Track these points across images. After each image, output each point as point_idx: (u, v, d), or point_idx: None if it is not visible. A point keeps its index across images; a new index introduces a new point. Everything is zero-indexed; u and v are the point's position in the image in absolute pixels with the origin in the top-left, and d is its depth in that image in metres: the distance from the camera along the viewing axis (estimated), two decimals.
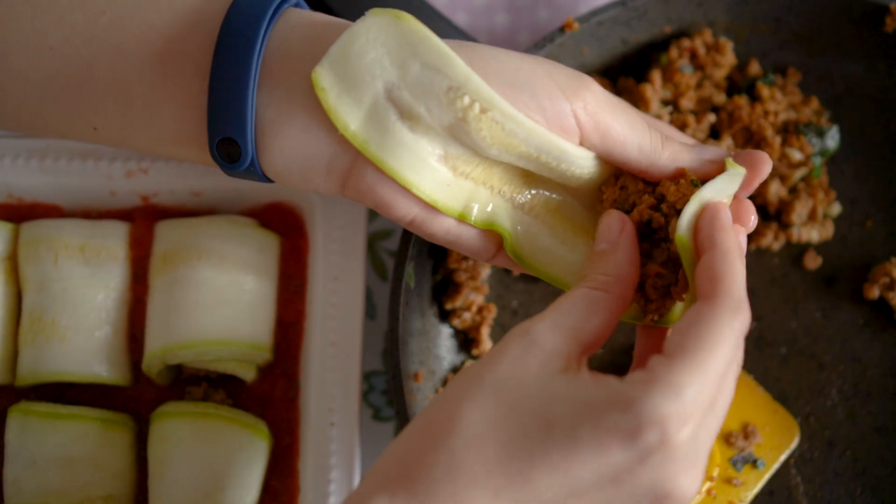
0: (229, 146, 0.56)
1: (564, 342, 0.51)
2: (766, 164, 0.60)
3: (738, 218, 0.59)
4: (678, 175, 0.59)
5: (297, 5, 0.59)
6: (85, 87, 0.58)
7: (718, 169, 0.59)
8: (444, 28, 0.74)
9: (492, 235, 0.60)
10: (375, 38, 0.54)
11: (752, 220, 0.60)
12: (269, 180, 0.59)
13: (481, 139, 0.55)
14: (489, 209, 0.59)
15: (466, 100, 0.54)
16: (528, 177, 0.60)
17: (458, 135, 0.55)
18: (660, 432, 0.47)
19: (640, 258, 0.57)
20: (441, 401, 0.51)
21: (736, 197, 0.59)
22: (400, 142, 0.55)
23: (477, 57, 0.55)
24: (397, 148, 0.55)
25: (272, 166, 0.57)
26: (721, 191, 0.56)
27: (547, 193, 0.60)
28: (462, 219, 0.58)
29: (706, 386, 0.48)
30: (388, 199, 0.57)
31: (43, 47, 0.57)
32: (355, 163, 0.56)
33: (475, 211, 0.58)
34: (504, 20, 0.82)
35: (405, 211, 0.57)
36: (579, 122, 0.56)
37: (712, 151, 0.60)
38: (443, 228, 0.59)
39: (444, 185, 0.57)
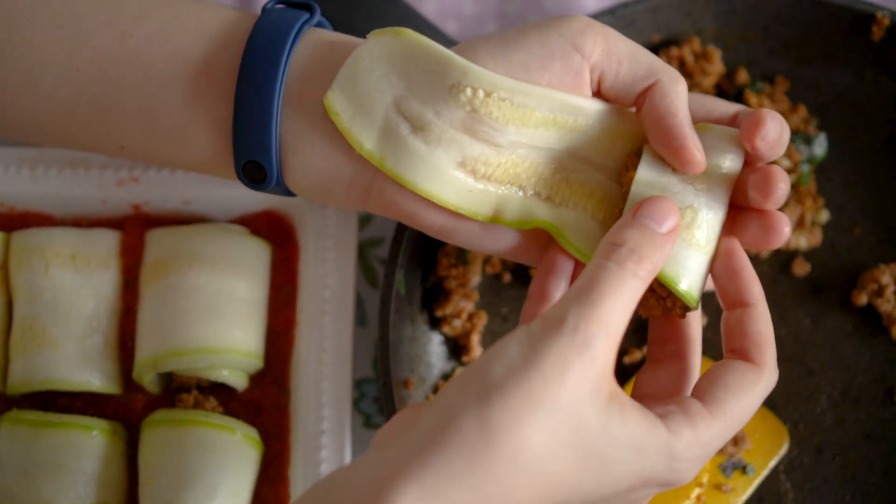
0: (255, 168, 0.58)
1: (611, 352, 0.49)
2: (764, 120, 0.54)
3: (768, 229, 0.56)
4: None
5: (319, 24, 0.60)
6: (111, 108, 0.59)
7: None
8: (434, 37, 0.74)
9: (533, 237, 0.59)
10: (379, 55, 0.55)
11: (786, 231, 0.56)
12: (293, 195, 0.61)
13: (495, 122, 0.55)
14: (524, 208, 0.58)
15: (469, 91, 0.55)
16: (562, 171, 0.58)
17: (473, 128, 0.55)
18: (682, 475, 0.51)
19: None
20: (499, 414, 0.47)
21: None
22: (415, 154, 0.56)
23: (467, 48, 0.56)
24: (413, 161, 0.56)
25: (295, 185, 0.59)
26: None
27: (586, 183, 0.58)
28: (496, 222, 0.58)
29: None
30: (412, 210, 0.57)
31: (70, 68, 0.58)
32: (375, 179, 0.57)
33: (508, 212, 0.57)
34: (494, 29, 0.83)
35: (431, 220, 0.58)
36: (580, 49, 0.55)
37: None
38: (475, 234, 0.58)
39: (466, 191, 0.57)
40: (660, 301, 0.56)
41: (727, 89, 0.76)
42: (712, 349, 0.67)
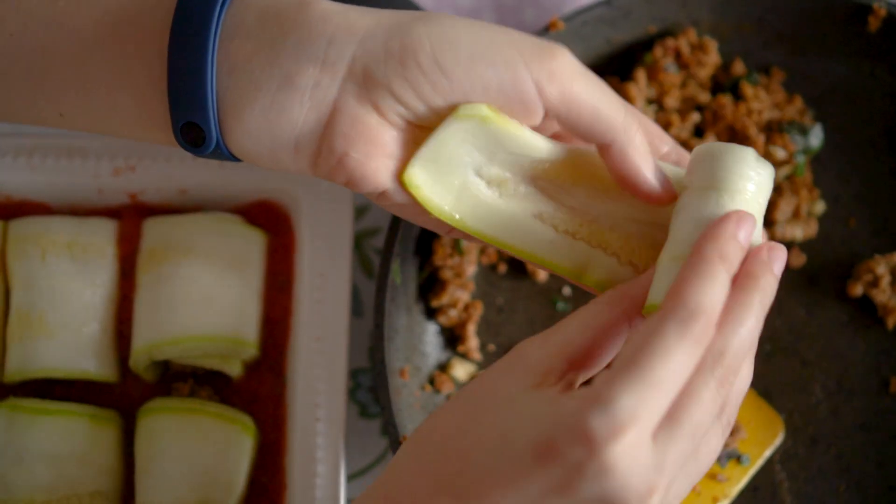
0: (193, 130, 0.56)
1: (549, 357, 0.52)
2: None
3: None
4: (661, 198, 0.56)
5: None
6: (47, 73, 0.57)
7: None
8: None
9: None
10: (464, 139, 0.55)
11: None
12: (238, 160, 0.59)
13: (562, 181, 0.58)
14: (611, 270, 0.58)
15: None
16: (649, 239, 0.58)
17: (544, 187, 0.57)
18: (584, 447, 0.47)
19: None
20: (429, 417, 0.54)
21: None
22: (491, 206, 0.57)
23: (436, 26, 0.54)
24: (490, 212, 0.57)
25: (239, 148, 0.57)
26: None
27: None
28: (578, 280, 0.58)
29: (647, 398, 0.47)
30: (360, 170, 0.56)
31: (3, 34, 0.57)
32: (324, 139, 0.55)
33: (593, 271, 0.58)
34: (490, 20, 0.83)
35: (377, 182, 0.56)
36: (543, 92, 0.54)
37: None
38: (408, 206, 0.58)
39: (547, 241, 0.58)
40: None
41: (723, 80, 0.76)
42: None
